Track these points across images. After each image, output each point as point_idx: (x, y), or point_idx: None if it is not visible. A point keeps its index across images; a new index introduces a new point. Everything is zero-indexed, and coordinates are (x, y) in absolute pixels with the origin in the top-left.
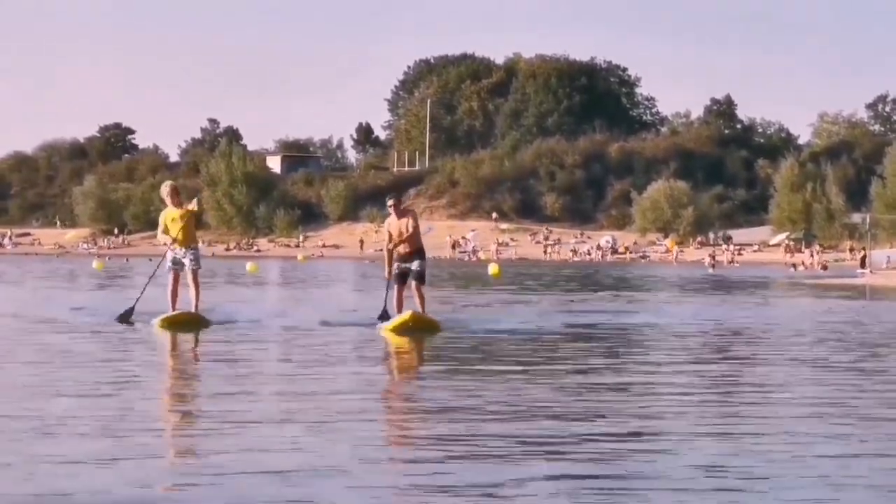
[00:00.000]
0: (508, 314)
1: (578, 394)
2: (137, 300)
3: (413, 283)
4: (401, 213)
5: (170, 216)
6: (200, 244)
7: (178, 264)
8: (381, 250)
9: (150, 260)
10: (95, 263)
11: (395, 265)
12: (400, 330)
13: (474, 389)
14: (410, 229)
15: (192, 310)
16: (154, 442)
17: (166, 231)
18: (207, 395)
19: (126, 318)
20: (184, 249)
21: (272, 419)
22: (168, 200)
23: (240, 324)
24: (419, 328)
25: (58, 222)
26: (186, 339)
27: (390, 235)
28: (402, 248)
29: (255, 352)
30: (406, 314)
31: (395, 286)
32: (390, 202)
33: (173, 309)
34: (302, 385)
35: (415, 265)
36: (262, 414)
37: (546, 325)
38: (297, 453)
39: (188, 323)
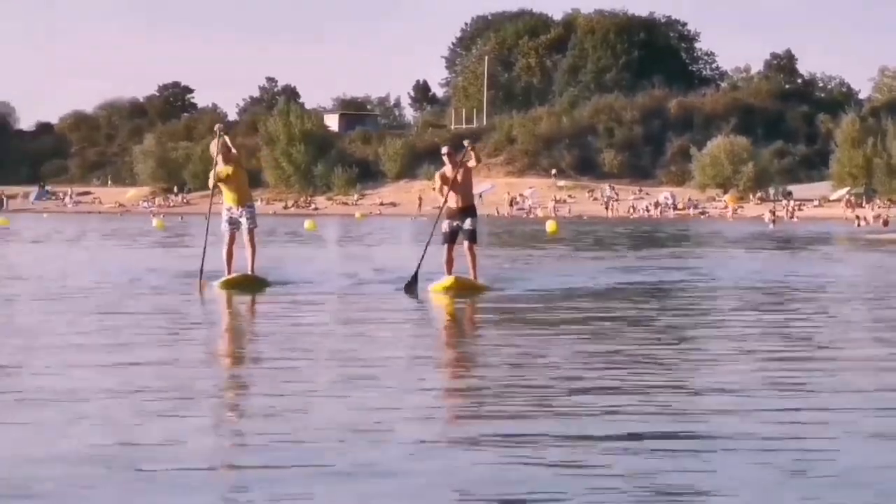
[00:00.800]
0: (568, 273)
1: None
2: (203, 262)
3: (465, 243)
4: (456, 164)
5: (222, 171)
6: (258, 202)
7: (234, 224)
8: (438, 207)
9: (206, 218)
10: (155, 222)
11: (446, 223)
12: (446, 289)
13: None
14: (463, 179)
15: (249, 271)
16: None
17: (216, 185)
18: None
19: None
20: (239, 208)
21: (330, 379)
22: (219, 157)
23: (297, 284)
24: (463, 290)
25: (109, 181)
26: (244, 300)
27: (445, 180)
28: (453, 204)
29: (311, 313)
30: (450, 278)
31: (446, 245)
32: (445, 150)
33: (229, 271)
34: (352, 345)
35: (467, 223)
36: (318, 375)
37: (605, 282)
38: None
39: (246, 285)
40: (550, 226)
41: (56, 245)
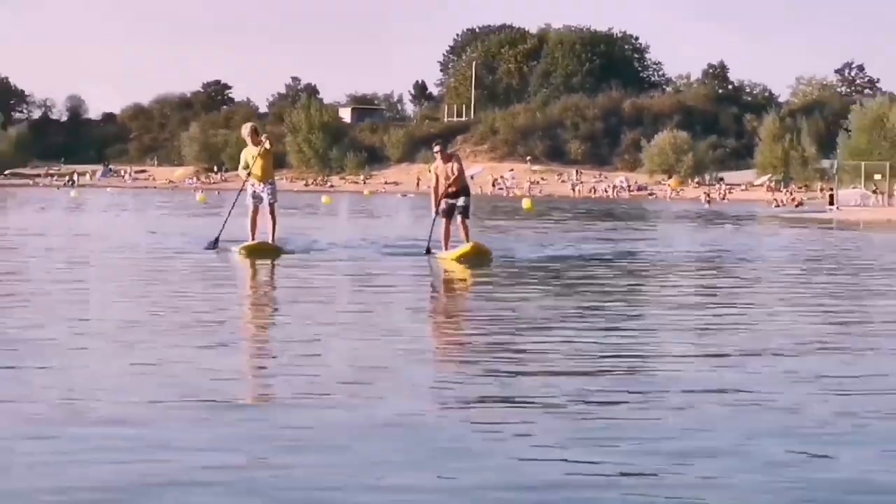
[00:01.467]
0: (544, 243)
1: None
2: (221, 231)
3: (459, 217)
4: (446, 158)
5: (250, 153)
6: (282, 180)
7: (257, 198)
8: (429, 188)
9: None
10: (199, 196)
11: (443, 202)
12: (461, 258)
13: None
14: (455, 172)
15: (269, 240)
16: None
17: (247, 166)
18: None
19: (213, 245)
20: (262, 184)
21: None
22: (248, 140)
23: (311, 252)
24: (476, 256)
25: (159, 161)
26: (264, 264)
27: (437, 177)
28: (451, 189)
29: (324, 278)
30: (466, 246)
31: (444, 220)
32: (436, 148)
33: (252, 238)
34: (366, 302)
35: (460, 201)
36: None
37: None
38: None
39: (265, 251)
40: (526, 203)
41: (116, 214)
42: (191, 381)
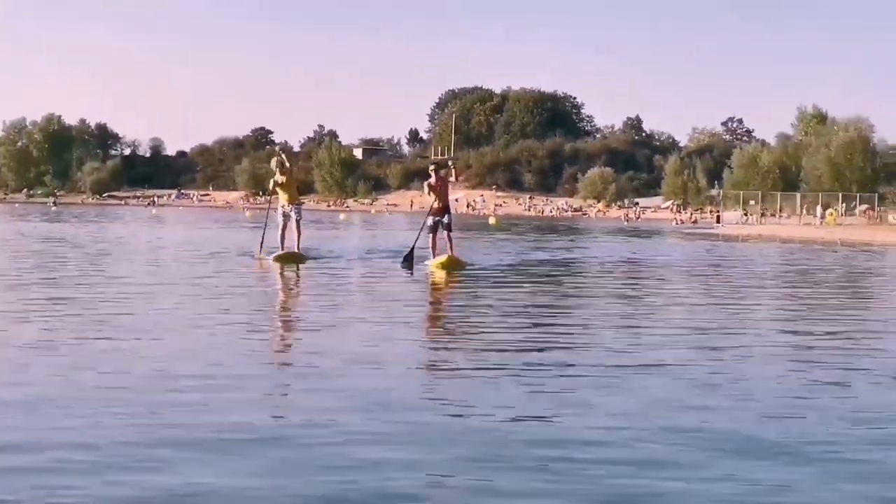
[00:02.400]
0: (508, 252)
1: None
2: (261, 243)
3: (446, 232)
4: (439, 177)
5: (278, 178)
6: (311, 202)
7: (286, 216)
8: (424, 208)
9: (274, 211)
10: (248, 213)
11: (431, 219)
12: (441, 266)
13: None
14: (443, 187)
15: (296, 249)
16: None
17: (272, 191)
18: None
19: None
20: (290, 205)
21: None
22: (277, 170)
23: (329, 259)
24: (454, 266)
25: (211, 188)
26: (291, 268)
27: (431, 188)
28: (436, 204)
29: (337, 280)
30: (444, 257)
31: (431, 234)
32: (432, 167)
33: (282, 249)
34: (368, 298)
35: (446, 218)
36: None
37: (528, 259)
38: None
39: (293, 259)
40: (492, 220)
41: (187, 226)
42: None
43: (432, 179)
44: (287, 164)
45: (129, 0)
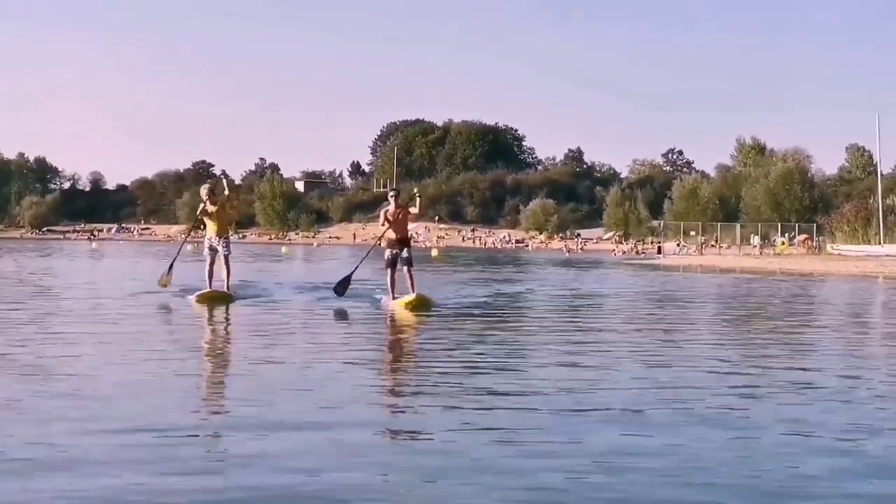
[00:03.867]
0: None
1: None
2: (169, 268)
3: (405, 268)
4: (398, 205)
5: (208, 209)
6: (252, 235)
7: (213, 250)
8: (367, 241)
9: (179, 244)
10: (189, 247)
11: (388, 251)
12: (407, 306)
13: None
14: (402, 218)
15: (225, 289)
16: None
17: (201, 222)
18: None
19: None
20: (218, 238)
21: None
22: (206, 199)
23: (260, 299)
24: (421, 306)
25: (153, 221)
26: (219, 309)
27: (387, 219)
28: (392, 235)
29: (273, 321)
30: (412, 296)
31: (389, 269)
32: (392, 194)
33: (210, 286)
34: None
35: (405, 252)
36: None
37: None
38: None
39: (220, 298)
40: (435, 252)
41: (125, 259)
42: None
43: (391, 207)
44: (222, 192)
45: (67, 31)
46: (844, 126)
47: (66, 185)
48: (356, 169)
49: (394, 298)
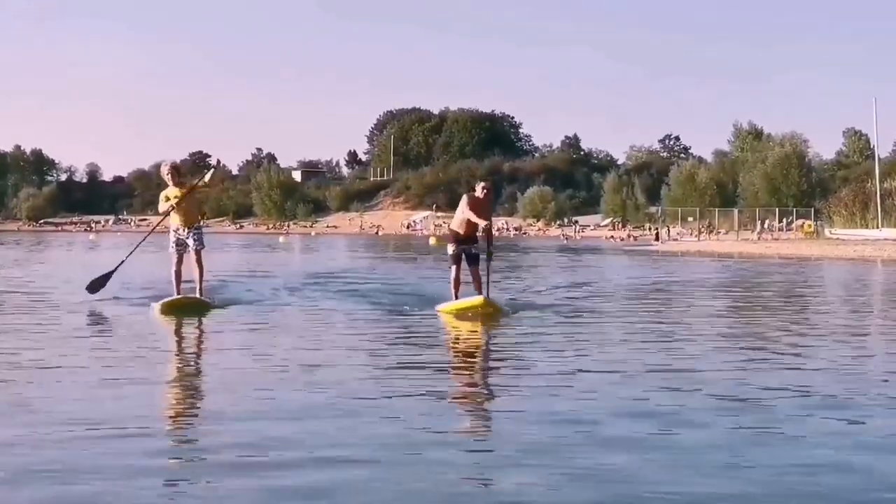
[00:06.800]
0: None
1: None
2: (114, 270)
3: (471, 268)
4: (482, 195)
5: (172, 194)
6: (250, 225)
7: (181, 245)
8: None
9: (143, 238)
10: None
11: (453, 247)
12: (464, 310)
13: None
14: (484, 212)
15: (197, 294)
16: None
17: (166, 209)
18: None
19: (95, 288)
20: (187, 230)
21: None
22: (168, 180)
23: (241, 306)
24: (489, 311)
25: (149, 213)
26: (189, 322)
27: (472, 205)
28: (463, 230)
29: (251, 334)
30: (478, 299)
31: (455, 267)
32: (483, 185)
33: (178, 292)
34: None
35: (473, 249)
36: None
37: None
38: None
39: (192, 306)
40: (433, 241)
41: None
42: None
43: (479, 192)
44: (180, 178)
45: (62, 21)
46: (842, 110)
47: (63, 178)
48: (353, 158)
49: (456, 299)
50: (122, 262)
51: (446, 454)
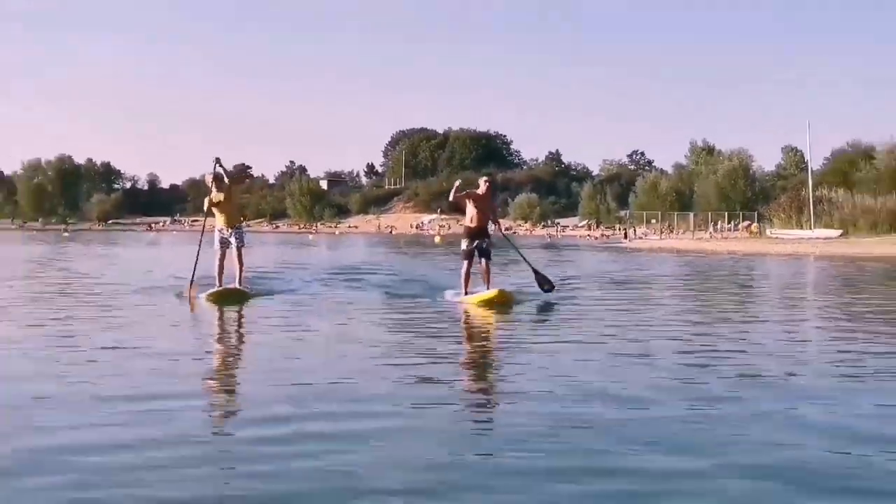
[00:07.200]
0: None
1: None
2: (192, 278)
3: (483, 260)
4: (487, 190)
5: (214, 196)
6: (284, 225)
7: (224, 243)
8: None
9: (200, 236)
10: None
11: (466, 241)
12: (484, 303)
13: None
14: (486, 203)
15: (237, 285)
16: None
17: (210, 210)
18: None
19: (187, 290)
20: (230, 230)
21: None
22: (212, 187)
23: (277, 295)
24: (504, 303)
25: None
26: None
27: (472, 198)
28: (473, 224)
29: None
30: (493, 292)
31: (466, 262)
32: (485, 179)
33: (219, 284)
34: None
35: (484, 243)
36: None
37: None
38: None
39: (233, 297)
40: (438, 239)
41: (174, 247)
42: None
43: (482, 187)
44: (227, 180)
45: (148, 46)
46: (780, 128)
47: (128, 185)
48: (370, 169)
49: (466, 294)
50: (196, 263)
51: (459, 407)
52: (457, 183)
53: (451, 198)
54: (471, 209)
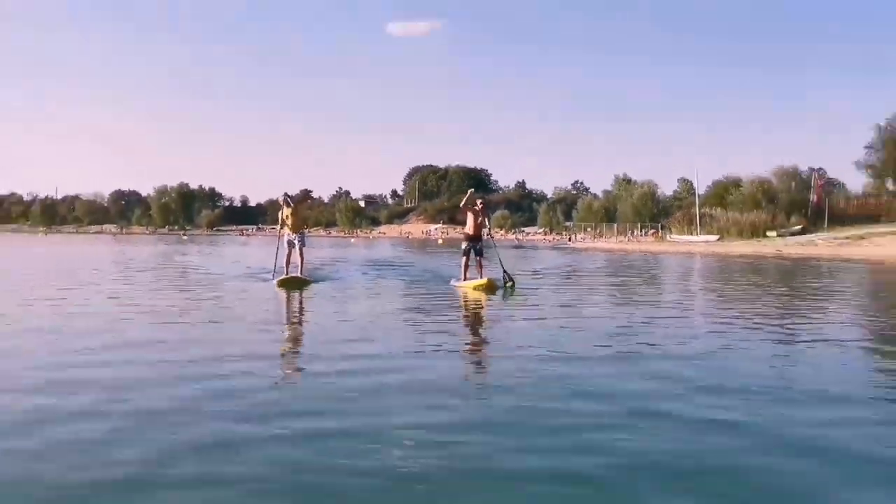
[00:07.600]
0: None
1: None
2: (275, 268)
3: (478, 258)
4: (482, 208)
5: (285, 213)
6: (332, 233)
7: (291, 245)
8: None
9: (278, 242)
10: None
11: (465, 244)
12: (477, 288)
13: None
14: (481, 218)
15: (299, 274)
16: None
17: (283, 223)
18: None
19: (278, 277)
20: (294, 234)
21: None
22: (283, 205)
23: (329, 282)
24: (490, 289)
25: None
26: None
27: (472, 211)
28: (472, 231)
29: (338, 298)
30: (483, 280)
31: (465, 257)
32: (480, 199)
33: (287, 273)
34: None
35: (478, 245)
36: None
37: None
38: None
39: (297, 283)
40: (440, 242)
41: (259, 248)
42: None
43: (478, 205)
44: (291, 204)
45: (227, 100)
46: (678, 164)
47: (227, 203)
48: (394, 193)
49: (465, 280)
50: (276, 260)
51: (457, 357)
52: (470, 191)
53: (461, 204)
54: (470, 220)
